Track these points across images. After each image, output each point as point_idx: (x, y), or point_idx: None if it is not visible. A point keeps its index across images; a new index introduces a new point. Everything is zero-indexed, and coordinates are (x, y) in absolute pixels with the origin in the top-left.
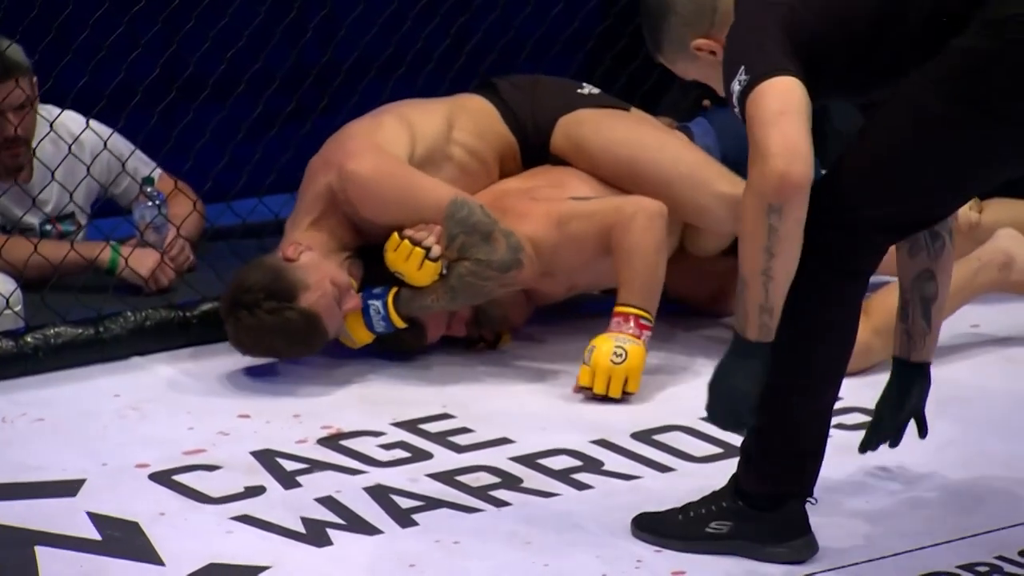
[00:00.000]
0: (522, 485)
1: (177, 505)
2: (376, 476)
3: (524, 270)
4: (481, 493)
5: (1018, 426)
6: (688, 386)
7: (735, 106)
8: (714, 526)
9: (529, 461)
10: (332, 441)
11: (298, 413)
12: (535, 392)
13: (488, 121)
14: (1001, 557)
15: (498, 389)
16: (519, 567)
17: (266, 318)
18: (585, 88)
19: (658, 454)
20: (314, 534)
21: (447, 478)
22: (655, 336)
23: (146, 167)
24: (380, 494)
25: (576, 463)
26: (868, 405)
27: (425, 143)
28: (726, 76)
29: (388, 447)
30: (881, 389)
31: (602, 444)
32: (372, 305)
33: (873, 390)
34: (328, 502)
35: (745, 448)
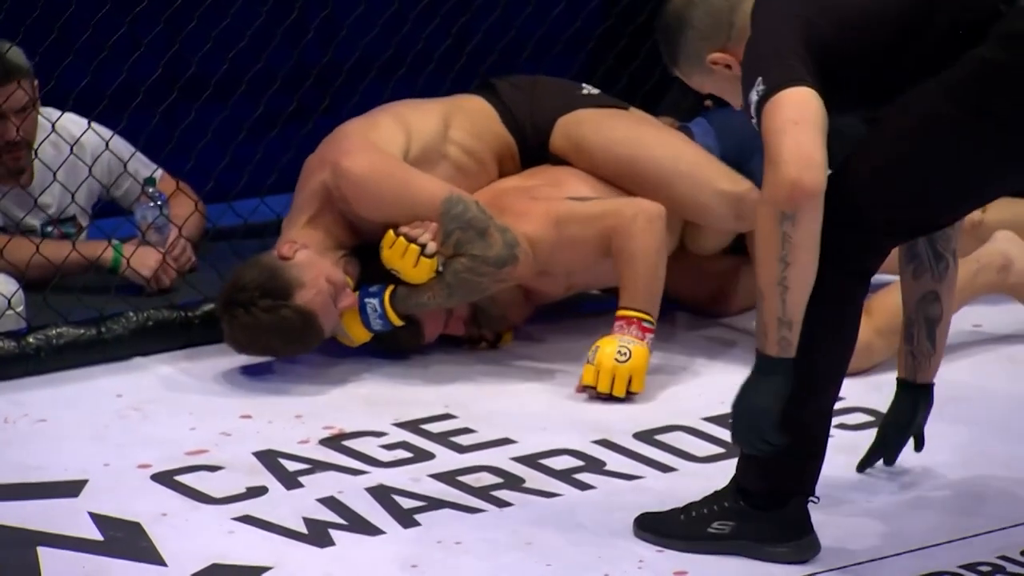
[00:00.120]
0: (524, 485)
1: (179, 505)
2: (378, 476)
3: (520, 266)
4: (483, 493)
5: (1020, 426)
6: (689, 386)
7: (752, 116)
8: (716, 526)
9: (531, 461)
10: (334, 441)
11: (300, 413)
12: (537, 392)
13: (486, 121)
14: (1003, 557)
15: (500, 389)
16: (521, 567)
17: (262, 316)
18: (585, 89)
19: (660, 454)
20: (316, 534)
21: (449, 478)
22: (655, 336)
23: (146, 169)
24: (382, 494)
25: (578, 463)
26: (870, 405)
27: (420, 142)
28: (744, 87)
29: (390, 447)
30: (882, 389)
31: (604, 444)
32: (369, 303)
33: (875, 390)
34: (330, 502)
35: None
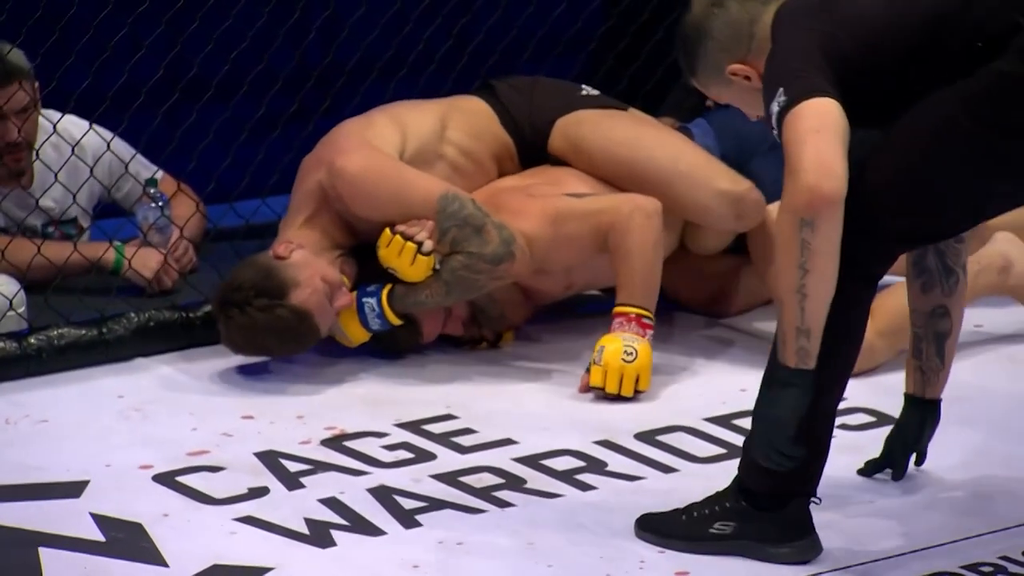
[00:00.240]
0: (525, 486)
1: (180, 506)
2: (379, 477)
3: (517, 263)
4: (485, 494)
5: (1020, 426)
6: (690, 386)
7: (773, 127)
8: (718, 526)
9: (532, 462)
10: (335, 442)
11: (301, 414)
12: (538, 392)
13: (484, 122)
14: (1005, 557)
15: (501, 389)
16: (522, 568)
17: (257, 316)
18: (584, 90)
19: (661, 455)
20: (318, 535)
21: (450, 479)
22: (655, 336)
23: (147, 171)
24: (384, 495)
25: (579, 464)
26: (871, 405)
27: (416, 141)
28: (766, 98)
29: (391, 448)
30: (884, 389)
31: (605, 445)
32: (367, 303)
33: (876, 390)
34: (332, 503)
35: (747, 447)
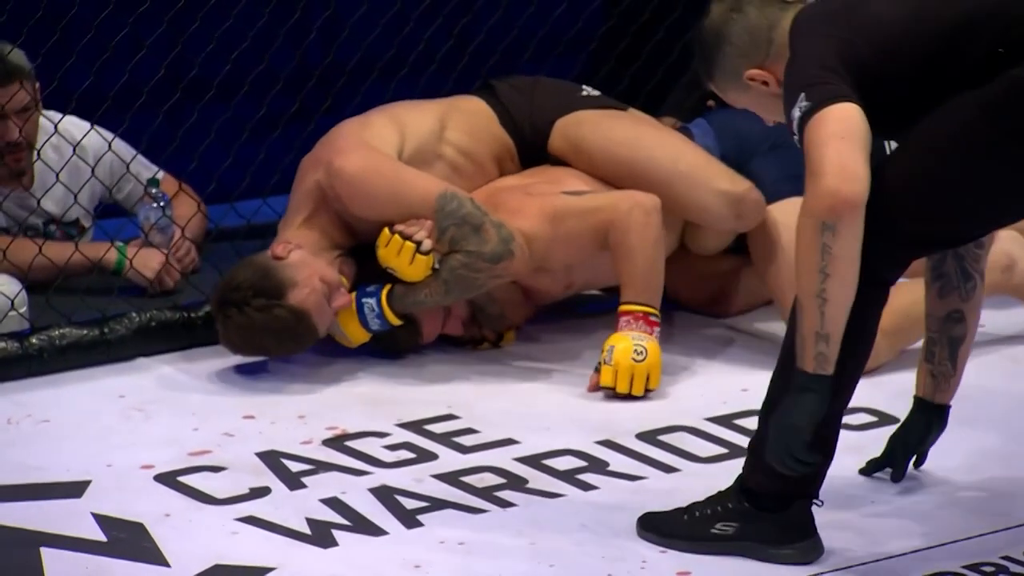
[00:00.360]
0: (527, 486)
1: (182, 506)
2: (381, 477)
3: (516, 261)
4: (486, 494)
5: (1021, 426)
6: (690, 386)
7: (795, 133)
8: (720, 527)
9: (534, 462)
10: (337, 442)
11: (303, 414)
12: (539, 392)
13: (483, 122)
14: (1007, 557)
15: (502, 389)
16: (524, 568)
17: (255, 316)
18: (584, 90)
19: (663, 455)
20: (319, 535)
21: (452, 479)
22: None
23: (147, 171)
24: (385, 495)
25: (581, 464)
26: (874, 405)
27: (415, 141)
28: (786, 103)
29: (393, 448)
30: (886, 389)
31: (607, 445)
32: (366, 303)
33: (879, 390)
34: (333, 503)
35: (752, 448)
